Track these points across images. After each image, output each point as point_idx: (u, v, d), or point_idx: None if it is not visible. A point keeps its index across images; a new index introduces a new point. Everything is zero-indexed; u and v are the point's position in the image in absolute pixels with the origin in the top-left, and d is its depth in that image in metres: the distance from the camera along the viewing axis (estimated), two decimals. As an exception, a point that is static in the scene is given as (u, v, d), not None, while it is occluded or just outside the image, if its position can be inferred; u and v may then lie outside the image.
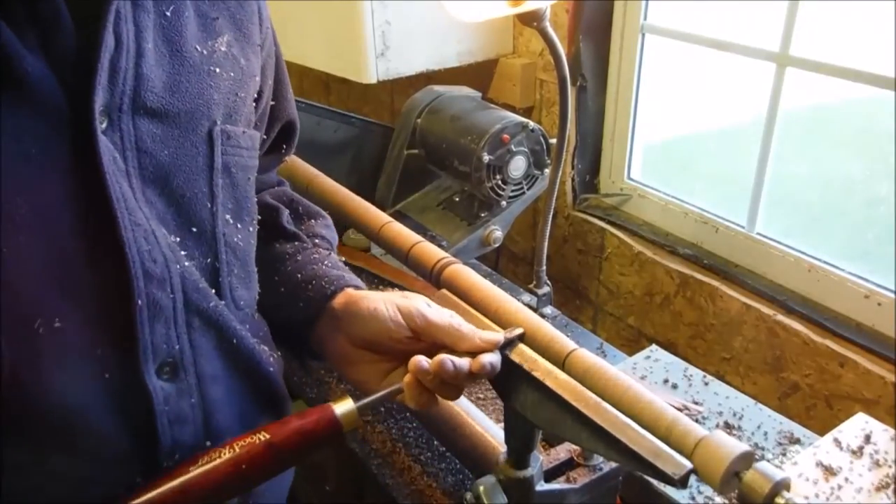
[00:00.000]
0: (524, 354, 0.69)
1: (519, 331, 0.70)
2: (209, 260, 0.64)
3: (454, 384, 0.66)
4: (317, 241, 0.84)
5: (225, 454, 0.59)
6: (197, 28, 0.63)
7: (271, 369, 0.70)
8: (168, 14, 0.60)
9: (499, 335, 0.69)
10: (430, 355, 0.65)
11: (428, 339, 0.70)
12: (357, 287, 0.77)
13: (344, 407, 0.64)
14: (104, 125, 0.54)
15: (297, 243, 0.82)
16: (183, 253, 0.61)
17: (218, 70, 0.63)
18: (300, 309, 0.76)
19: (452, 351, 0.67)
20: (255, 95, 0.71)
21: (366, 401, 0.66)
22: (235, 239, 0.67)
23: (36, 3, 0.51)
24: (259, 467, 0.60)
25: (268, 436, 0.60)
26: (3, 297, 0.51)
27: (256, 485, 0.62)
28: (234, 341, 0.65)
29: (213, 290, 0.63)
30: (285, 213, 0.84)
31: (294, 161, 1.11)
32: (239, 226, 0.68)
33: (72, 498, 0.57)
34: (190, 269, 0.61)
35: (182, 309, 0.60)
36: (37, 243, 0.52)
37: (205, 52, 0.62)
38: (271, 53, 0.75)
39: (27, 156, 0.51)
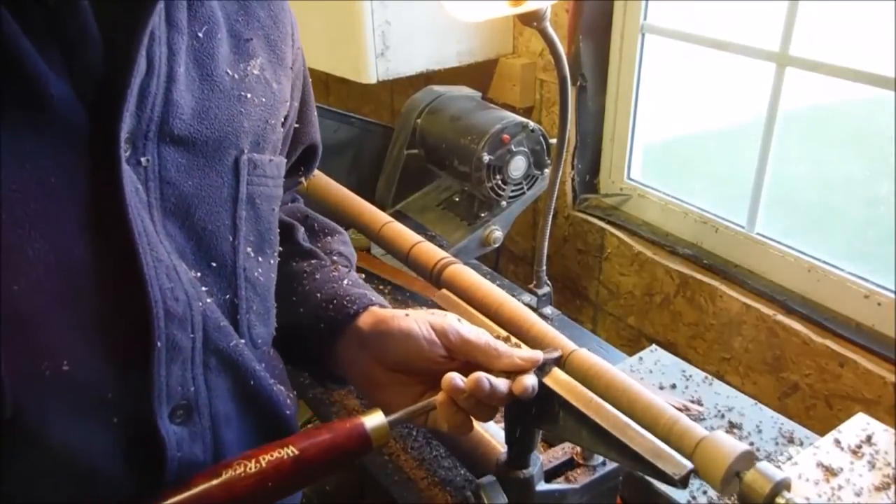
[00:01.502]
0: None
1: (557, 352, 0.67)
2: (227, 296, 0.61)
3: (489, 405, 0.63)
4: (335, 258, 0.80)
5: (250, 468, 0.55)
6: (229, 50, 0.59)
7: (287, 412, 0.67)
8: (200, 35, 0.56)
9: (538, 353, 0.66)
10: (465, 375, 0.62)
11: (462, 357, 0.67)
12: (382, 305, 0.73)
13: (374, 420, 0.60)
14: (128, 153, 0.51)
15: (314, 261, 0.78)
16: (203, 289, 0.57)
17: (249, 95, 0.60)
18: (321, 330, 0.71)
19: (487, 370, 0.64)
20: (283, 119, 0.67)
21: (397, 415, 0.63)
22: (256, 273, 0.64)
23: (62, 18, 0.47)
24: (285, 483, 0.57)
25: (296, 451, 0.57)
26: (11, 336, 0.47)
27: (276, 500, 0.58)
28: (252, 382, 0.62)
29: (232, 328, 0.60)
30: (300, 230, 0.80)
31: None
32: (260, 259, 0.64)
33: None
34: (211, 306, 0.58)
35: (200, 349, 0.57)
36: (52, 280, 0.48)
37: (236, 76, 0.59)
38: (300, 74, 0.72)
39: (46, 185, 0.47)
